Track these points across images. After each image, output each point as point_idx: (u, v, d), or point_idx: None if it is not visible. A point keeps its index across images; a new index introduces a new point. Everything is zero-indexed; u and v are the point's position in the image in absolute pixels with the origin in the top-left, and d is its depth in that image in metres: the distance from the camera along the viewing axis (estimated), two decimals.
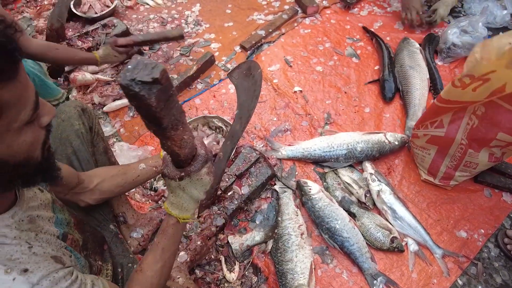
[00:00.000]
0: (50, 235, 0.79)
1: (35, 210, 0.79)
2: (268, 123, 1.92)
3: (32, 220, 0.75)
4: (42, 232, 0.76)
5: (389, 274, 1.46)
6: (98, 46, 2.19)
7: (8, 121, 0.57)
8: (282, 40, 2.32)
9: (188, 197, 0.84)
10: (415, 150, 1.66)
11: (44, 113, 0.67)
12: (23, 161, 0.63)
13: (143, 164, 1.14)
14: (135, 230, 1.38)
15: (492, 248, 1.52)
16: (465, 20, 2.11)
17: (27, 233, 0.71)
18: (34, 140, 0.65)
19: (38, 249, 0.71)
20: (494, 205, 1.62)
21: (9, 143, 0.59)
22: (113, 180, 1.13)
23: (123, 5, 2.62)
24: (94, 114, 1.32)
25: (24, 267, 0.65)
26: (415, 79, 1.97)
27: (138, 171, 1.16)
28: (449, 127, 1.45)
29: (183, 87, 2.07)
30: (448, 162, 1.54)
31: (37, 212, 0.79)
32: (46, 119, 0.68)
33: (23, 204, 0.74)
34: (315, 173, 1.73)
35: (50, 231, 0.80)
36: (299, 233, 1.46)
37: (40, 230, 0.76)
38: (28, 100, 0.61)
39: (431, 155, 1.58)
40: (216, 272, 1.45)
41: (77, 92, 2.06)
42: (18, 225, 0.70)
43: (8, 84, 0.55)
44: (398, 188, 1.68)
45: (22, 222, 0.72)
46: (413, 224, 1.53)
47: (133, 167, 1.17)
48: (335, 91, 2.05)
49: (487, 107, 1.29)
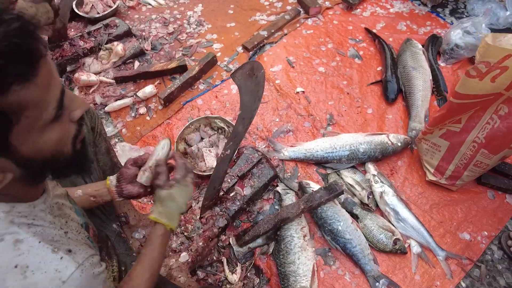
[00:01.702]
0: (77, 223, 0.79)
1: (60, 198, 0.80)
2: (270, 124, 1.92)
3: (60, 207, 0.76)
4: (70, 219, 0.77)
5: (392, 276, 1.45)
6: (100, 47, 2.19)
7: (29, 121, 0.55)
8: (284, 40, 2.32)
9: (175, 205, 0.94)
10: (424, 146, 1.61)
11: (76, 107, 0.65)
12: (51, 157, 0.62)
13: (80, 191, 1.04)
14: (137, 231, 1.37)
15: (496, 251, 1.51)
16: (468, 21, 2.10)
17: (59, 219, 0.72)
18: (62, 136, 0.63)
19: (72, 235, 0.72)
20: (497, 207, 1.61)
21: (33, 141, 0.58)
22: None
23: (125, 5, 2.62)
24: (96, 114, 1.31)
25: (68, 248, 0.66)
26: (418, 80, 1.97)
27: (74, 198, 1.04)
28: (466, 124, 1.39)
29: (185, 87, 2.07)
30: (458, 161, 1.52)
31: (61, 200, 0.80)
32: (78, 113, 0.66)
33: (49, 192, 0.75)
34: (317, 174, 1.73)
35: (76, 219, 0.80)
36: (302, 235, 1.46)
37: (68, 217, 0.77)
38: (51, 100, 0.58)
39: (441, 152, 1.55)
40: (218, 274, 1.45)
41: (79, 92, 2.06)
42: (50, 210, 0.71)
43: (28, 85, 0.52)
44: (400, 189, 1.67)
45: (53, 208, 0.73)
46: (416, 226, 1.52)
47: (71, 192, 1.04)
48: (338, 92, 2.04)
49: (511, 107, 1.24)
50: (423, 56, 2.08)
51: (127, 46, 2.23)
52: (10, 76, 0.50)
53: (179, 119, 1.96)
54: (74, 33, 2.33)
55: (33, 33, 0.54)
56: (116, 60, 2.17)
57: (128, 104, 2.02)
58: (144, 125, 1.95)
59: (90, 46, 2.17)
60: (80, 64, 2.15)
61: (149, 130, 1.92)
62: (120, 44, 2.20)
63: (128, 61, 2.21)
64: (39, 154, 0.60)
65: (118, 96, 2.05)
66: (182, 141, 1.80)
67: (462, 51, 2.08)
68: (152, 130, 1.92)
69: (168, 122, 1.95)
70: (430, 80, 2.00)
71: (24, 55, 0.52)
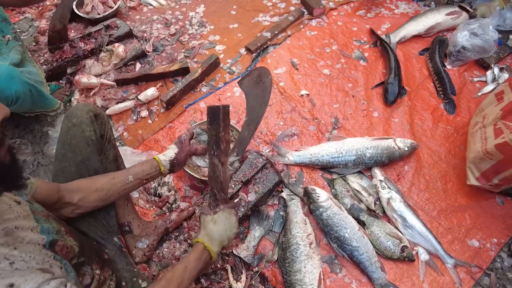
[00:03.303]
0: (34, 245, 0.74)
1: (12, 221, 0.74)
2: (274, 127, 1.89)
3: (9, 233, 0.71)
4: (24, 243, 0.72)
5: (399, 284, 1.42)
6: (101, 48, 2.15)
7: None
8: (288, 42, 2.29)
9: (217, 230, 1.01)
10: (479, 147, 1.53)
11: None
12: None
13: (131, 177, 1.09)
14: (141, 240, 1.34)
15: (505, 258, 1.49)
16: (475, 22, 2.07)
17: (5, 248, 0.67)
18: None
19: (21, 264, 0.67)
20: (506, 213, 1.58)
21: None
22: (96, 195, 1.07)
23: (126, 6, 2.58)
24: (107, 119, 1.27)
25: (9, 282, 0.61)
26: None
27: (125, 185, 1.10)
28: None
29: (188, 90, 2.04)
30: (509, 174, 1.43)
31: (15, 223, 0.74)
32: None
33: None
34: (323, 180, 1.70)
35: (33, 240, 0.75)
36: (308, 243, 1.43)
37: (21, 241, 0.72)
38: None
39: (493, 161, 1.47)
40: (222, 282, 1.42)
41: (80, 94, 2.03)
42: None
43: None
44: (407, 195, 1.64)
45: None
46: (423, 232, 1.49)
47: (119, 181, 1.10)
48: (343, 95, 2.01)
49: None
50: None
51: (128, 47, 2.19)
52: None
53: (182, 123, 1.93)
54: (74, 34, 2.29)
55: None
56: (117, 62, 2.14)
57: (130, 107, 1.99)
58: (146, 129, 1.91)
59: (90, 47, 2.13)
60: (80, 66, 2.12)
61: (151, 133, 1.89)
62: (121, 45, 2.17)
63: (130, 63, 2.18)
64: None
65: (119, 98, 2.01)
66: None
67: (469, 53, 2.05)
68: (154, 133, 1.89)
69: (170, 126, 1.92)
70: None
71: None
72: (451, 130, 1.86)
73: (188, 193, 1.67)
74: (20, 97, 1.60)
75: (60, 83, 2.12)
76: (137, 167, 1.13)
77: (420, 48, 2.22)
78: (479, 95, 1.98)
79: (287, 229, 1.50)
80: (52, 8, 2.61)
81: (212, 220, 1.01)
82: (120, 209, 1.31)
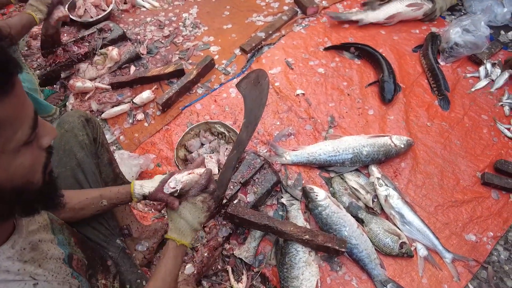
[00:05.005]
0: (56, 260, 0.74)
1: (36, 234, 0.74)
2: (271, 127, 1.89)
3: (35, 247, 0.70)
4: (47, 259, 0.72)
5: (399, 280, 1.44)
6: (95, 52, 2.14)
7: (3, 141, 0.52)
8: (282, 42, 2.29)
9: (184, 222, 0.97)
10: None
11: (44, 134, 0.62)
12: (21, 186, 0.58)
13: (105, 201, 1.05)
14: (140, 243, 1.34)
15: (502, 251, 1.51)
16: (467, 19, 2.09)
17: (30, 265, 0.66)
18: (33, 163, 0.59)
19: (44, 284, 0.66)
20: (502, 207, 1.61)
21: (5, 165, 0.54)
22: (69, 213, 1.02)
23: (119, 8, 2.56)
24: (98, 124, 1.27)
25: None
26: None
27: (98, 207, 1.05)
28: None
29: (183, 92, 2.03)
30: None
31: (38, 236, 0.74)
32: (47, 140, 0.62)
33: (22, 230, 0.69)
34: (320, 178, 1.71)
35: (55, 255, 0.75)
36: (307, 250, 1.41)
37: (44, 257, 0.71)
38: (25, 118, 0.56)
39: None
40: (224, 283, 1.42)
41: (75, 99, 2.01)
42: (20, 255, 0.65)
43: (4, 100, 0.51)
44: (405, 191, 1.66)
45: (24, 251, 0.67)
46: (421, 228, 1.51)
47: (93, 202, 1.04)
48: (338, 94, 2.02)
49: None
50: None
51: (122, 50, 2.18)
52: None
53: (178, 125, 1.93)
54: (67, 38, 2.27)
55: (8, 49, 0.53)
56: (112, 65, 2.13)
57: (125, 110, 1.98)
58: (142, 132, 1.91)
59: (84, 51, 2.12)
60: (74, 70, 2.10)
61: (147, 136, 1.88)
62: (115, 48, 2.15)
63: (124, 66, 2.17)
64: (9, 181, 0.56)
65: (114, 102, 2.00)
66: (182, 147, 1.77)
67: (461, 49, 2.07)
68: (151, 136, 1.89)
69: (167, 128, 1.92)
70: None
71: (1, 69, 0.50)
72: (446, 126, 1.88)
73: None
74: None
75: (54, 88, 2.11)
76: (112, 193, 1.07)
77: (413, 45, 2.24)
78: (472, 90, 2.01)
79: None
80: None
81: (177, 213, 0.98)
82: (118, 213, 1.30)
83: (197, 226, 1.00)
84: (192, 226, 0.98)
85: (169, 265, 0.94)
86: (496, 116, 1.91)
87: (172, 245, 0.97)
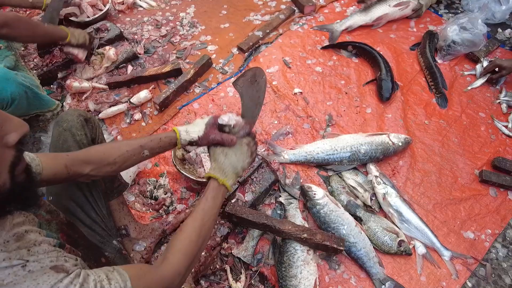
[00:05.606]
0: (48, 244, 0.71)
1: (22, 225, 0.71)
2: (269, 126, 1.89)
3: (20, 237, 0.68)
4: (37, 245, 0.69)
5: (398, 278, 1.44)
6: (92, 51, 2.13)
7: None
8: (280, 40, 2.29)
9: (229, 162, 0.98)
10: None
11: (10, 130, 0.58)
12: None
13: (146, 151, 1.03)
14: (138, 243, 1.34)
15: (500, 248, 1.51)
16: (464, 17, 2.09)
17: (17, 252, 0.64)
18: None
19: (34, 265, 0.64)
20: (500, 205, 1.61)
21: None
22: (108, 168, 1.02)
23: (115, 8, 2.55)
24: (97, 123, 1.26)
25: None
26: None
27: (140, 158, 1.05)
28: None
29: (181, 91, 2.03)
30: None
31: (24, 227, 0.71)
32: (14, 137, 0.58)
33: (5, 223, 0.66)
34: (319, 177, 1.70)
35: (45, 241, 0.73)
36: (305, 249, 1.41)
37: (33, 243, 0.69)
38: None
39: None
40: (222, 282, 1.42)
41: (72, 99, 2.00)
42: (4, 247, 0.63)
43: None
44: (403, 189, 1.66)
45: (8, 243, 0.65)
46: (420, 226, 1.51)
47: (134, 154, 1.03)
48: (336, 92, 2.02)
49: None
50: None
51: (119, 50, 2.17)
52: None
53: (176, 124, 1.92)
54: None
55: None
56: (109, 65, 2.12)
57: (123, 110, 1.97)
58: (140, 131, 1.90)
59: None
60: (71, 70, 2.09)
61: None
62: (112, 48, 2.14)
63: (121, 65, 2.16)
64: None
65: (112, 102, 2.00)
66: None
67: (459, 47, 2.07)
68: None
69: (164, 128, 1.91)
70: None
71: None
72: (444, 124, 1.88)
73: (184, 195, 1.66)
74: (15, 99, 1.59)
75: (51, 88, 2.10)
76: (154, 142, 1.05)
77: (411, 43, 2.24)
78: (469, 89, 2.01)
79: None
80: (40, 12, 2.57)
81: (223, 153, 0.98)
82: (116, 213, 1.30)
83: (239, 170, 1.00)
84: (236, 169, 0.98)
85: (209, 204, 0.94)
86: (494, 113, 1.91)
87: (213, 184, 0.96)
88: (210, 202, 0.94)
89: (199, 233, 0.89)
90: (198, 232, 0.89)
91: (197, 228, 0.89)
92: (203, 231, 0.91)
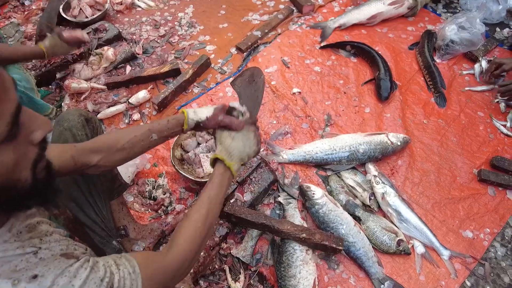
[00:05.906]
0: (59, 234, 0.73)
1: (34, 217, 0.73)
2: (267, 126, 1.89)
3: (32, 228, 0.69)
4: (48, 235, 0.70)
5: (396, 277, 1.44)
6: (90, 52, 2.13)
7: None
8: (278, 40, 2.29)
9: (235, 145, 0.98)
10: None
11: (36, 128, 0.59)
12: (3, 184, 0.55)
13: (155, 135, 1.02)
14: (137, 243, 1.34)
15: (499, 247, 1.51)
16: (463, 16, 2.09)
17: (29, 241, 0.66)
18: (18, 161, 0.56)
19: (45, 252, 0.65)
20: (498, 204, 1.61)
21: None
22: (117, 155, 1.00)
23: (113, 8, 2.55)
24: (98, 124, 1.26)
25: (33, 274, 0.60)
26: None
27: (148, 143, 1.03)
28: None
29: (179, 91, 2.03)
30: None
31: (36, 218, 0.73)
32: (39, 135, 0.59)
33: (20, 214, 0.68)
34: (317, 177, 1.70)
35: (56, 231, 0.74)
36: (304, 248, 1.41)
37: (45, 233, 0.70)
38: (2, 114, 0.52)
39: None
40: (221, 282, 1.42)
41: (70, 99, 2.00)
42: (17, 237, 0.65)
43: None
44: (401, 189, 1.66)
45: (21, 234, 0.66)
46: (419, 226, 1.51)
47: (142, 138, 1.02)
48: (334, 92, 2.02)
49: None
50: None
51: (118, 50, 2.17)
52: None
53: None
54: None
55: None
56: (107, 65, 2.12)
57: (121, 110, 1.97)
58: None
59: (79, 51, 2.11)
60: (70, 71, 2.09)
61: None
62: (111, 48, 2.14)
63: (120, 66, 2.16)
64: None
65: (110, 102, 1.99)
66: (179, 147, 1.76)
67: (457, 46, 2.07)
68: None
69: None
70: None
71: None
72: (442, 123, 1.88)
73: (183, 195, 1.66)
74: None
75: (50, 88, 2.10)
76: (161, 125, 1.04)
77: (409, 42, 2.24)
78: (466, 89, 2.01)
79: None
80: (38, 13, 2.57)
81: (230, 136, 0.98)
82: (116, 213, 1.30)
83: (245, 157, 1.00)
84: (242, 153, 0.98)
85: (215, 190, 0.93)
86: (492, 113, 1.91)
87: (218, 170, 0.96)
88: (216, 188, 0.94)
89: (205, 220, 0.89)
90: (204, 218, 0.89)
91: (203, 214, 0.89)
92: (209, 218, 0.90)
